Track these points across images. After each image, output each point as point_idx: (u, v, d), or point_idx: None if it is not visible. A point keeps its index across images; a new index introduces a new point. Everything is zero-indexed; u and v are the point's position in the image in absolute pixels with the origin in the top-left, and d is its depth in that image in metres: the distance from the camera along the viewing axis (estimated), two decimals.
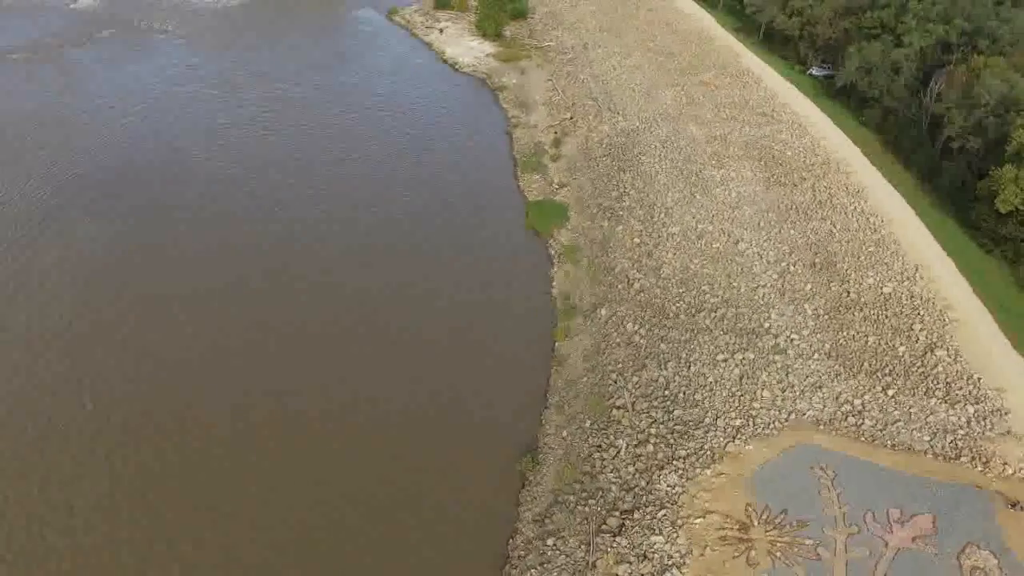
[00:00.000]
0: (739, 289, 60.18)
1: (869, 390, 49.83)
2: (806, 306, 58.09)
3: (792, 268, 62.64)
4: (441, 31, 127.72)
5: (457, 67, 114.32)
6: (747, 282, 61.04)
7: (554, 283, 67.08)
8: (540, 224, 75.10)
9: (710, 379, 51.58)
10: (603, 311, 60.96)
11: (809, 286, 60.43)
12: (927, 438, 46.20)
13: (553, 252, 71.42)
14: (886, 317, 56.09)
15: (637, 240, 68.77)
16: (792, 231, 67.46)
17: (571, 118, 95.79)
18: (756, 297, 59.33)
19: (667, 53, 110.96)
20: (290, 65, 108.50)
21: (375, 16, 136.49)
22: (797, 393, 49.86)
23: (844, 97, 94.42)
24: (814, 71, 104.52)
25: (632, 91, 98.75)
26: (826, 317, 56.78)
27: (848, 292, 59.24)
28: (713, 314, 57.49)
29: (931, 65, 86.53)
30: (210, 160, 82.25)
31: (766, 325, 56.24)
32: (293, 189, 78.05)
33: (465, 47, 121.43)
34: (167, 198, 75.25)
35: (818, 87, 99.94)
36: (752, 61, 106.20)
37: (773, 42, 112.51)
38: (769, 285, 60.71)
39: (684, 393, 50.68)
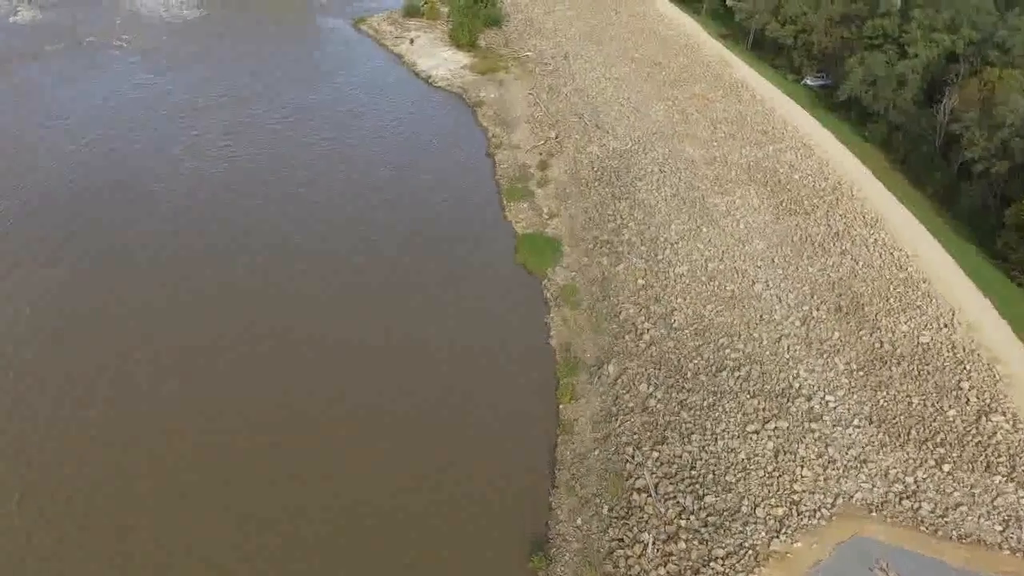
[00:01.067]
0: (761, 341, 54.28)
1: (921, 464, 44.19)
2: (837, 360, 52.37)
3: (816, 313, 56.93)
4: (412, 41, 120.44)
5: (431, 81, 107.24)
6: (769, 332, 55.17)
7: (552, 331, 60.56)
8: (532, 261, 68.56)
9: (741, 455, 45.57)
10: (611, 368, 54.70)
11: (837, 334, 54.74)
12: (998, 527, 40.63)
13: (548, 294, 64.90)
14: (928, 373, 50.56)
15: (642, 281, 62.63)
16: (810, 268, 61.79)
17: (556, 137, 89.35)
18: (780, 350, 53.47)
19: (654, 63, 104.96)
20: (254, 83, 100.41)
21: (341, 26, 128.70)
22: (841, 470, 44.05)
23: (844, 110, 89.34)
24: (809, 81, 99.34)
25: (620, 106, 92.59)
26: (861, 373, 51.11)
27: (881, 342, 53.64)
28: (736, 373, 51.48)
29: (937, 77, 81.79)
30: (171, 192, 74.22)
31: (796, 385, 50.39)
32: (259, 224, 70.45)
33: (438, 59, 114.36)
34: (125, 238, 67.20)
35: (815, 98, 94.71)
36: (744, 71, 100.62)
37: (763, 50, 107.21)
38: (793, 334, 54.91)
39: (714, 474, 44.63)
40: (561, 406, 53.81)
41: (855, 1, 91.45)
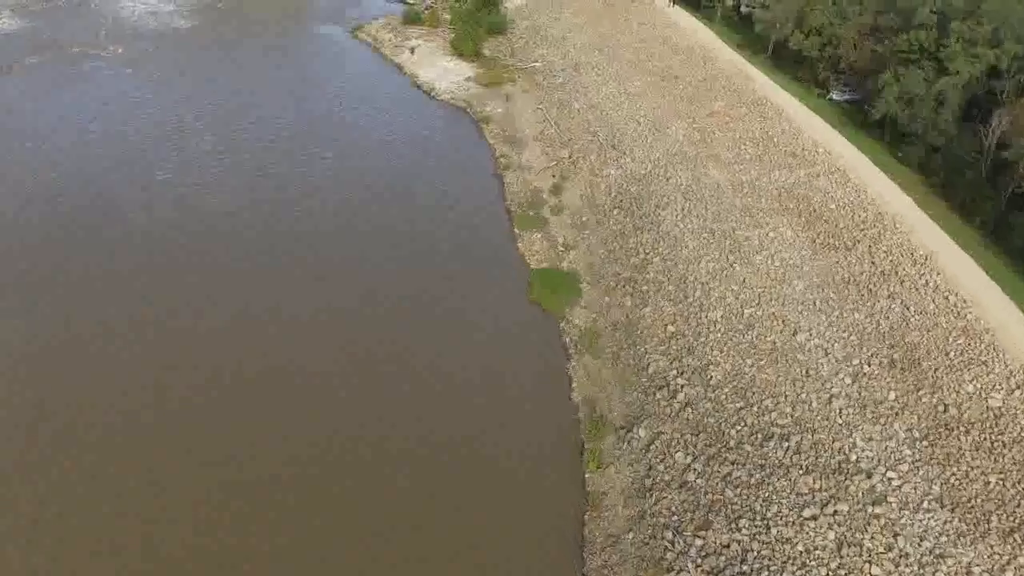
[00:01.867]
0: (810, 403, 48.70)
1: (1010, 562, 38.78)
2: (896, 426, 46.81)
3: (867, 368, 51.34)
4: (412, 51, 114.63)
5: (433, 94, 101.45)
6: (817, 391, 49.59)
7: (574, 384, 54.88)
8: (548, 299, 62.88)
9: (799, 547, 40.03)
10: (641, 431, 49.13)
11: (893, 395, 49.17)
12: None
13: (568, 339, 59.22)
14: (1004, 445, 45.05)
15: (671, 328, 57.01)
16: (857, 314, 56.20)
17: (570, 158, 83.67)
18: (832, 414, 47.90)
19: (669, 76, 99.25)
20: (245, 97, 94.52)
21: (338, 33, 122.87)
22: (916, 567, 38.57)
23: (874, 127, 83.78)
24: (835, 96, 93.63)
25: (636, 124, 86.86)
26: (925, 444, 45.59)
27: (945, 405, 48.09)
28: (786, 443, 45.89)
29: (979, 94, 76.32)
30: (153, 219, 68.10)
31: (853, 457, 44.84)
32: (249, 256, 64.73)
33: (441, 69, 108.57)
34: (100, 278, 61.31)
35: (843, 115, 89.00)
36: (766, 85, 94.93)
37: (783, 61, 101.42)
38: (844, 394, 49.35)
39: (769, 571, 39.10)
40: (588, 475, 48.16)
41: (886, 12, 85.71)
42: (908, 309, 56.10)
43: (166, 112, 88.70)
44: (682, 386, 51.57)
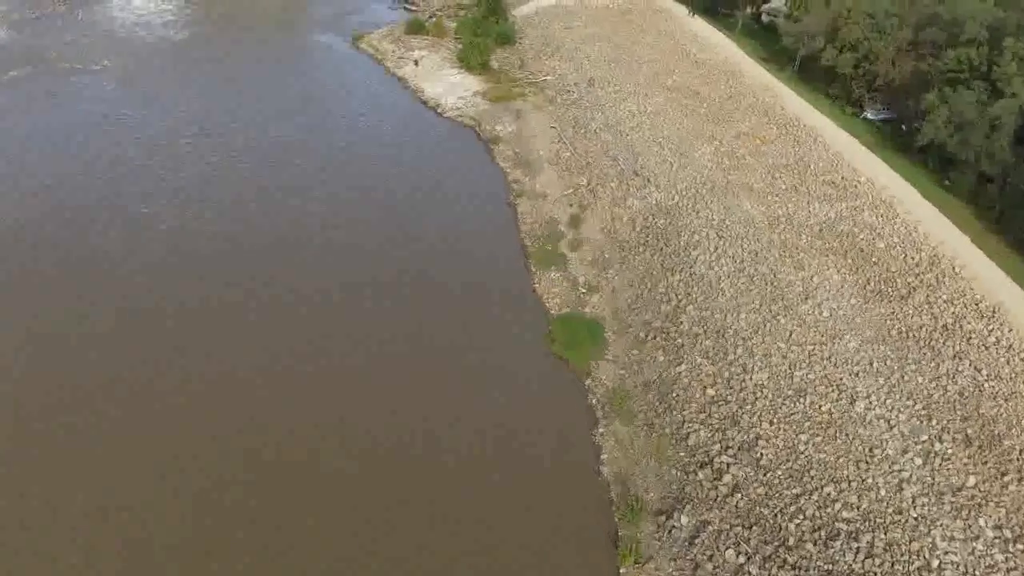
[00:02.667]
0: (878, 490, 42.62)
1: None
2: (981, 521, 40.76)
3: (939, 445, 45.27)
4: (416, 63, 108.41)
5: (439, 110, 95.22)
6: (884, 475, 43.49)
7: (603, 455, 48.81)
8: (570, 351, 56.83)
9: None
10: (684, 519, 43.07)
11: (972, 480, 43.10)
12: None
13: (594, 399, 53.10)
14: None
15: (711, 392, 50.94)
16: (920, 378, 50.05)
17: (588, 185, 77.47)
18: (905, 504, 41.80)
19: (691, 93, 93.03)
20: (240, 114, 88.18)
21: (339, 43, 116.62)
22: None
23: (914, 149, 77.62)
24: (869, 115, 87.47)
25: (660, 147, 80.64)
26: (1020, 546, 39.59)
27: None
28: (854, 544, 39.78)
29: None
30: (132, 256, 61.96)
31: (935, 563, 38.70)
32: (239, 305, 58.49)
33: (447, 83, 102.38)
34: (73, 320, 55.22)
35: (880, 137, 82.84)
36: (796, 104, 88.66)
37: (812, 76, 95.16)
38: (916, 478, 43.26)
39: None
40: (623, 570, 42.27)
41: (930, 26, 79.48)
42: (979, 373, 49.94)
43: (154, 134, 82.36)
44: (728, 465, 45.46)
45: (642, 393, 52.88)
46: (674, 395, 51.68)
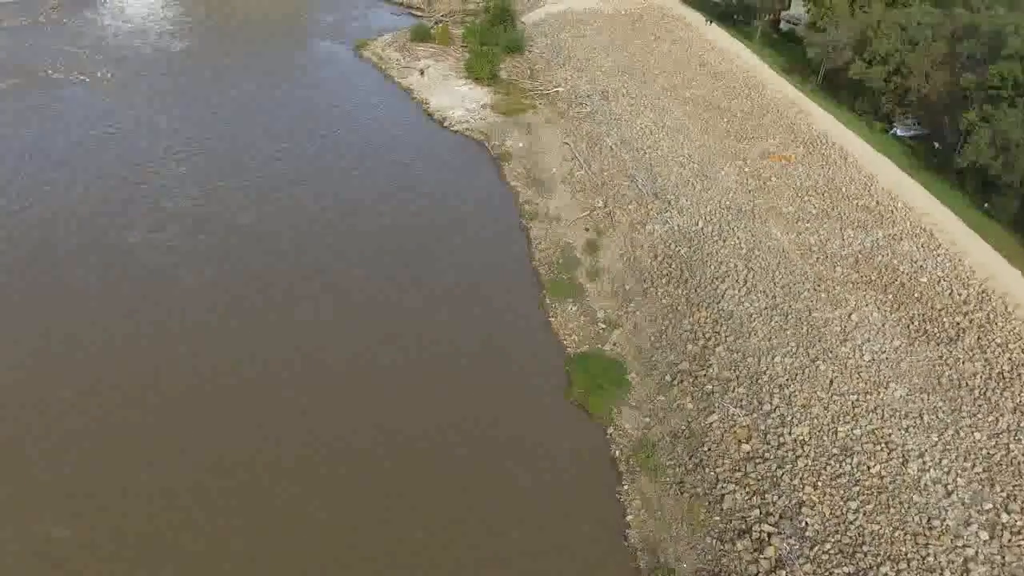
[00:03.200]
0: (941, 572, 38.30)
1: None
2: None
3: (1006, 517, 40.75)
4: (422, 72, 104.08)
5: (447, 124, 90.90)
6: (947, 552, 39.08)
7: (628, 515, 44.54)
8: (590, 395, 52.47)
9: None
10: None
11: None
12: None
13: (617, 451, 48.84)
14: None
15: (746, 447, 46.62)
16: (978, 434, 45.69)
17: (605, 207, 73.09)
18: None
19: (712, 106, 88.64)
20: (235, 134, 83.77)
21: (342, 52, 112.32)
22: None
23: (947, 167, 73.36)
24: (899, 131, 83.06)
25: (680, 167, 76.27)
26: None
27: None
28: None
29: None
30: (117, 301, 57.40)
31: None
32: (228, 352, 53.65)
33: (454, 94, 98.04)
34: (45, 368, 51.12)
35: (912, 155, 78.38)
36: (823, 119, 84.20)
37: (836, 88, 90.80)
38: (983, 558, 38.83)
39: None
40: None
41: (968, 38, 74.96)
42: None
43: (146, 152, 77.82)
44: (769, 535, 41.14)
45: (670, 445, 48.56)
46: (705, 449, 47.38)
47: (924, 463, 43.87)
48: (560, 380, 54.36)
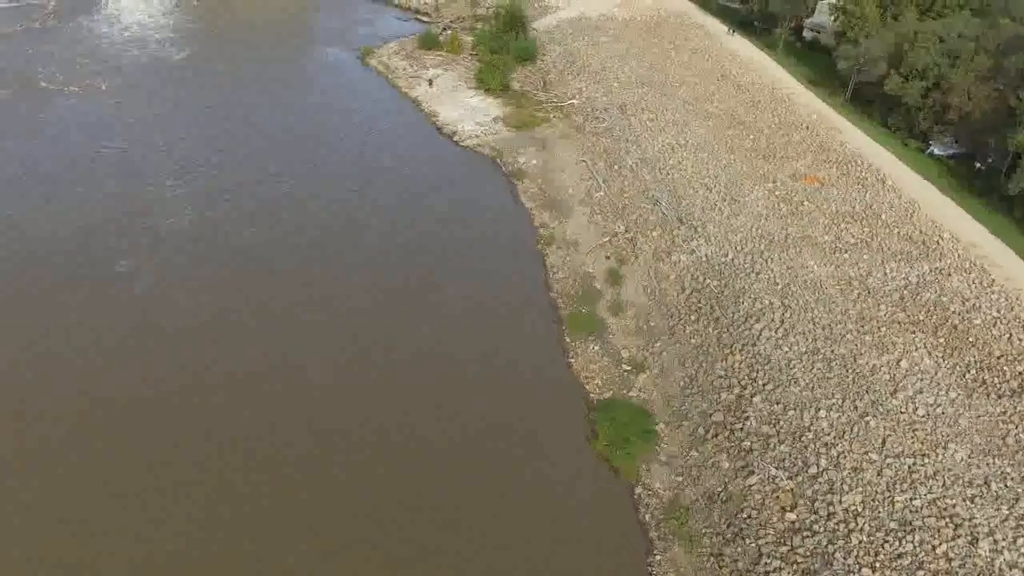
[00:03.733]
0: None
1: None
2: None
3: None
4: (430, 83, 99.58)
5: (456, 138, 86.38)
6: None
7: None
8: (616, 450, 47.96)
9: None
10: None
11: None
12: None
13: (647, 515, 44.41)
14: None
15: (791, 516, 42.09)
16: None
17: (626, 232, 68.54)
18: None
19: (736, 121, 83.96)
20: (238, 149, 78.98)
21: (347, 59, 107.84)
22: None
23: (991, 190, 68.72)
24: (936, 150, 78.36)
25: (707, 189, 71.63)
26: None
27: None
28: None
29: None
30: (103, 340, 53.02)
31: None
32: (219, 405, 49.31)
33: (464, 106, 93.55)
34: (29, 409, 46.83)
35: (956, 179, 73.53)
36: (856, 137, 79.44)
37: (867, 102, 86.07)
38: None
39: None
40: None
41: (1016, 51, 70.16)
42: None
43: (141, 170, 73.34)
44: None
45: (705, 509, 44.10)
46: (745, 516, 42.89)
47: (996, 543, 39.32)
48: (583, 430, 49.94)
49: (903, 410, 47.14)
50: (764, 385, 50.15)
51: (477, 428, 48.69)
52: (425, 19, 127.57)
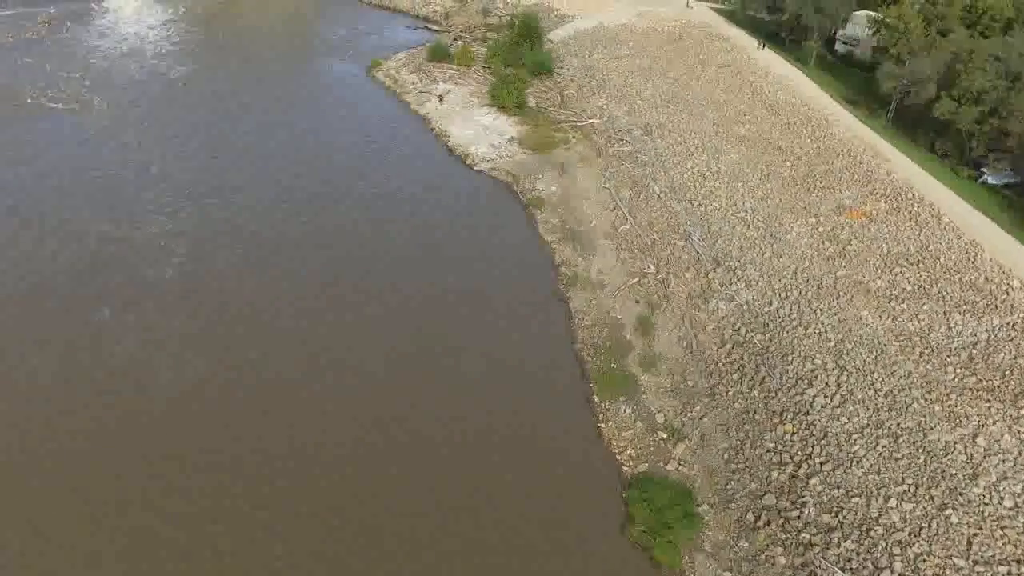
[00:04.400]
0: None
1: None
2: None
3: None
4: (441, 99, 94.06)
5: (469, 161, 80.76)
6: None
7: None
8: (655, 536, 42.10)
9: None
10: None
11: None
12: None
13: None
14: None
15: None
16: None
17: (656, 273, 62.71)
18: None
19: (771, 146, 77.97)
20: (236, 178, 73.04)
21: (353, 74, 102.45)
22: None
23: None
24: (991, 179, 72.35)
25: (744, 225, 65.69)
26: None
27: None
28: None
29: None
30: (70, 411, 47.60)
31: None
32: (210, 465, 43.97)
33: (476, 125, 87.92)
34: None
35: (1013, 209, 67.61)
36: (904, 166, 73.25)
37: (910, 123, 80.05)
38: None
39: None
40: None
41: None
42: None
43: (130, 202, 67.37)
44: None
45: None
46: None
47: None
48: (616, 511, 44.06)
49: (987, 501, 41.23)
50: (822, 464, 44.25)
51: (497, 516, 42.89)
52: (434, 27, 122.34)
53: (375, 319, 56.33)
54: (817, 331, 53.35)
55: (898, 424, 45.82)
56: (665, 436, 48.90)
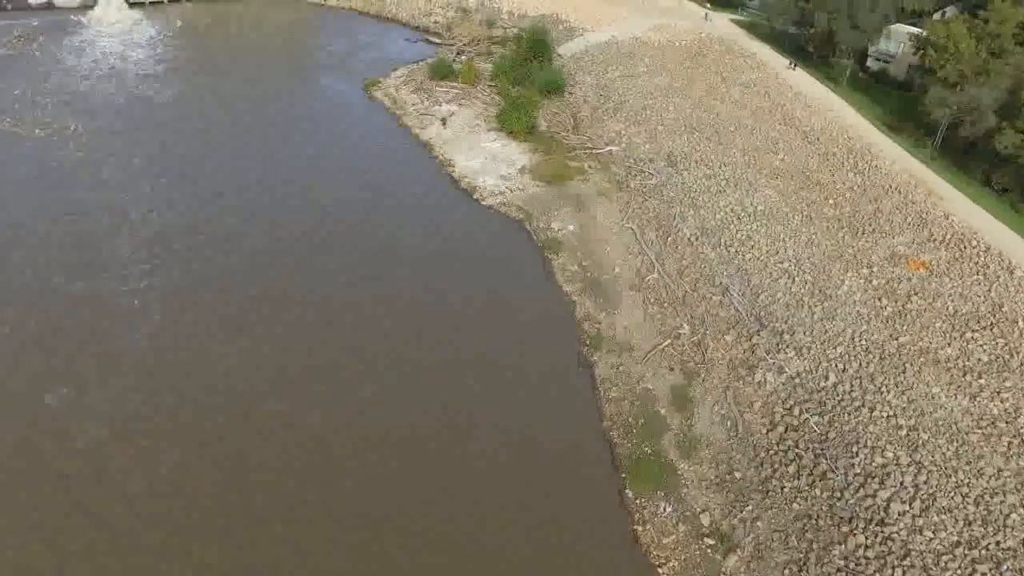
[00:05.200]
0: None
1: None
2: None
3: None
4: (444, 122, 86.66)
5: (476, 194, 73.51)
6: None
7: None
8: None
9: None
10: None
11: None
12: None
13: None
14: None
15: None
16: None
17: (691, 334, 55.58)
18: None
19: (810, 181, 70.68)
20: (222, 220, 65.07)
21: (350, 93, 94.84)
22: None
23: None
24: None
25: (787, 276, 58.49)
26: None
27: None
28: None
29: None
30: (21, 501, 40.82)
31: None
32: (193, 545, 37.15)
33: (483, 153, 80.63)
34: None
35: None
36: (962, 206, 65.93)
37: (959, 151, 72.94)
38: None
39: None
40: None
41: None
42: None
43: (105, 252, 59.70)
44: None
45: None
46: None
47: None
48: None
49: None
50: None
51: None
52: (435, 40, 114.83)
53: (373, 400, 48.78)
54: (884, 414, 46.17)
55: (996, 542, 38.76)
56: (712, 543, 41.84)
